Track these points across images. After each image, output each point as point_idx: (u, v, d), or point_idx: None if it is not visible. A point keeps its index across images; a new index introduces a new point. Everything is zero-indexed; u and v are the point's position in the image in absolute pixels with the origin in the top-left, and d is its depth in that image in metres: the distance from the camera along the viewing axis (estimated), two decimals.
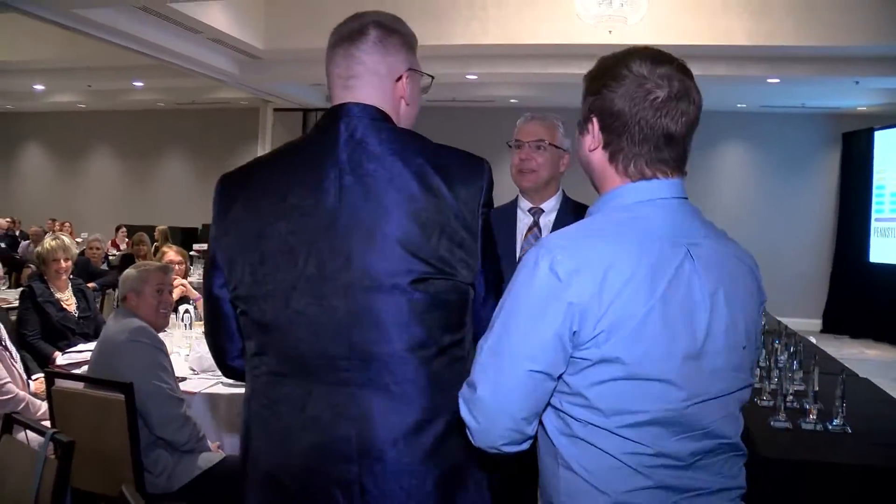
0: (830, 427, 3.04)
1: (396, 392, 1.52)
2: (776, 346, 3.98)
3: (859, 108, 12.32)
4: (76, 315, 4.99)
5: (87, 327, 5.00)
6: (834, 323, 12.52)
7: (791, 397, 3.33)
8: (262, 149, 13.98)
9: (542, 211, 2.77)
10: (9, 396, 3.50)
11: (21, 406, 3.56)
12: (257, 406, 1.61)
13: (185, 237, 13.82)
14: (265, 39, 10.09)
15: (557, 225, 2.68)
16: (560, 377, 1.38)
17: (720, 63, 9.57)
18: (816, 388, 3.19)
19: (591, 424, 1.37)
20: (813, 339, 6.05)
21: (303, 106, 13.75)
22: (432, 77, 1.76)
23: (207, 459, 3.12)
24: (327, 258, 1.52)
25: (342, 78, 1.64)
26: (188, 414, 3.14)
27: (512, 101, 13.29)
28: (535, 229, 2.75)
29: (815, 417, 3.08)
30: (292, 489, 1.55)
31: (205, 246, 10.32)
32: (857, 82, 10.03)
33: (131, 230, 11.98)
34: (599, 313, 1.32)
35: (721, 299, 1.41)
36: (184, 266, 5.68)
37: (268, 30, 10.10)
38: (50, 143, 17.44)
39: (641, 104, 1.43)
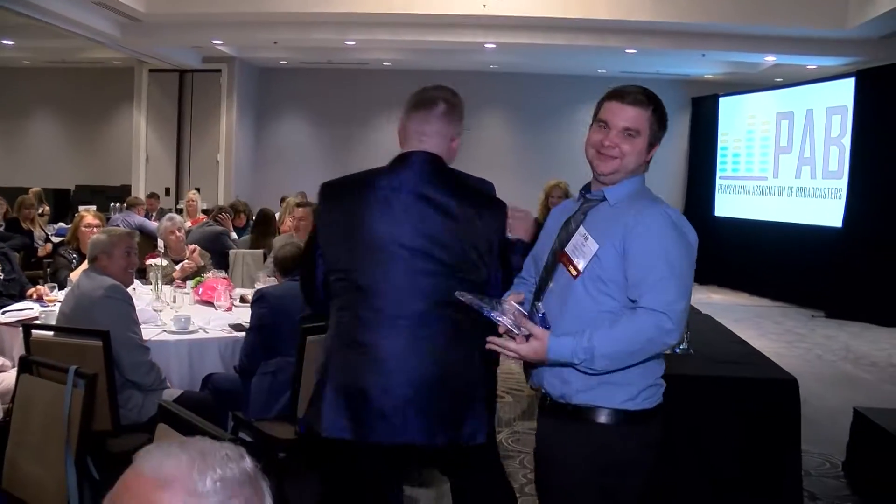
0: (678, 350, 3.85)
1: (427, 338, 2.33)
2: None
3: (706, 76, 13.54)
4: (2, 277, 5.27)
5: (13, 288, 5.29)
6: None
7: None
8: (138, 111, 13.85)
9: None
10: None
11: None
12: (338, 346, 2.38)
13: (57, 199, 13.65)
14: (147, 3, 10.17)
15: None
16: None
17: (583, 34, 10.42)
18: None
19: None
20: None
21: (179, 67, 13.68)
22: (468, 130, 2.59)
23: (169, 395, 3.64)
24: (397, 249, 2.31)
25: (417, 133, 2.44)
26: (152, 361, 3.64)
27: (385, 63, 13.81)
28: None
29: None
30: (357, 403, 2.29)
31: (91, 207, 10.39)
32: (703, 55, 11.12)
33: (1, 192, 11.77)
34: None
35: None
36: (101, 227, 5.97)
37: None
38: None
39: None
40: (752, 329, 9.13)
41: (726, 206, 13.20)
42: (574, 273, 2.18)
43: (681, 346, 3.87)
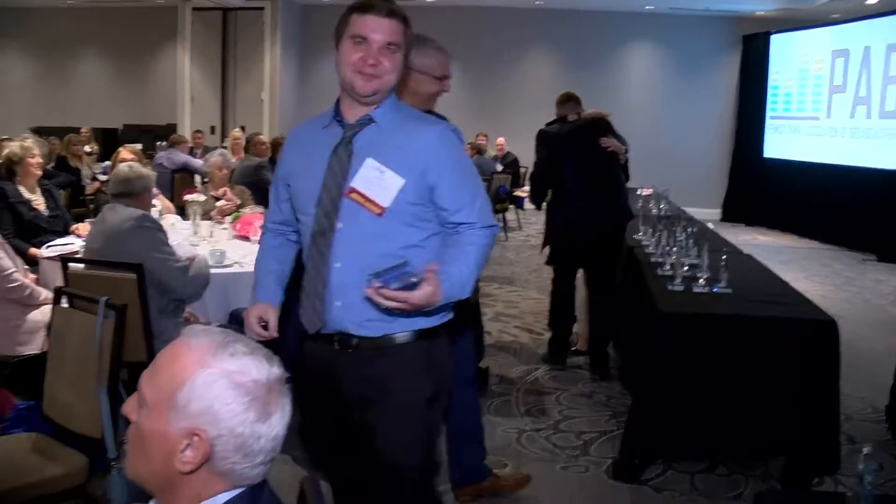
0: (716, 289, 3.78)
1: None
2: (676, 228, 4.71)
3: (758, 13, 13.10)
4: (46, 214, 5.34)
5: (58, 225, 5.36)
6: (732, 212, 13.58)
7: (686, 268, 4.07)
8: (183, 49, 13.88)
9: None
10: (15, 284, 3.92)
11: (26, 293, 3.99)
12: None
13: (106, 138, 13.80)
14: None
15: None
16: None
17: None
18: (707, 261, 3.93)
19: None
20: (711, 226, 6.88)
21: (222, 5, 13.62)
22: None
23: None
24: None
25: None
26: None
27: (429, 0, 13.61)
28: None
29: (704, 282, 3.82)
30: None
31: (136, 145, 10.47)
32: None
33: (47, 132, 11.87)
34: None
35: None
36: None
37: None
38: None
39: None
40: (798, 271, 8.97)
41: (776, 146, 12.88)
42: (377, 210, 2.03)
43: (718, 286, 3.81)
